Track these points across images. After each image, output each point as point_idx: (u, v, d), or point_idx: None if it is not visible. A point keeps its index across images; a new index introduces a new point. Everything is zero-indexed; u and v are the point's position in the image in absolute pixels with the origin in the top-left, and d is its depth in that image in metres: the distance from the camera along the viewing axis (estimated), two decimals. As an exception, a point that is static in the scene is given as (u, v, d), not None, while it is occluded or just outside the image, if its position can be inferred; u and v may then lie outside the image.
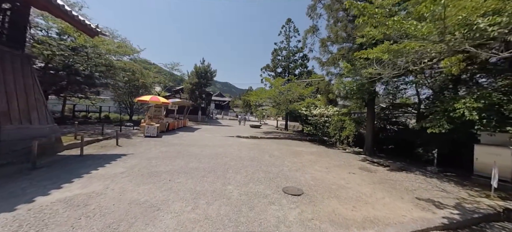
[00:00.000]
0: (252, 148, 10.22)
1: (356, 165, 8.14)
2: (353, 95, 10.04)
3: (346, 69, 8.00)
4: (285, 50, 25.26)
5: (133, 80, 17.92)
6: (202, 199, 4.03)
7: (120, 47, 15.10)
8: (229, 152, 8.70)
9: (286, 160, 8.04)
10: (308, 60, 24.18)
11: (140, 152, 7.83)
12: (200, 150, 8.89)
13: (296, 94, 16.86)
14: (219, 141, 11.66)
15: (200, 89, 27.18)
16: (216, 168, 6.20)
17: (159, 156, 7.39)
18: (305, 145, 12.99)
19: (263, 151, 9.48)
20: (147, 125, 11.87)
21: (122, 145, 9.18)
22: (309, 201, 4.24)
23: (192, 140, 11.64)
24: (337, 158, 9.22)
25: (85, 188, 4.37)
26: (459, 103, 5.98)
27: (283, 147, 11.31)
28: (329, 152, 10.83)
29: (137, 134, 12.24)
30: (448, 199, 5.14)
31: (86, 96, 16.55)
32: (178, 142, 10.53)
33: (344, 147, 14.94)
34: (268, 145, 11.42)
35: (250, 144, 11.52)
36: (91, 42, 12.84)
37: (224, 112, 61.25)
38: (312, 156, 9.18)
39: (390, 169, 7.91)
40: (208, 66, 27.90)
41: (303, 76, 21.58)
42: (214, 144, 10.68)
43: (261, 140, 13.48)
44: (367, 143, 11.31)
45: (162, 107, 15.94)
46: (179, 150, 8.66)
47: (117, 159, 6.75)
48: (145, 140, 10.74)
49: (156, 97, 13.50)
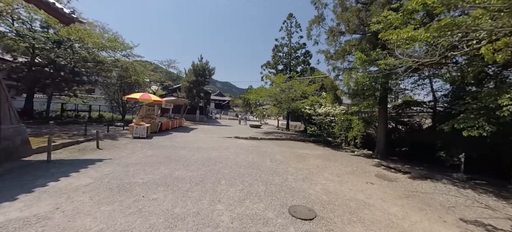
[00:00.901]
0: (251, 150, 9.12)
1: (371, 171, 7.02)
2: (365, 92, 8.92)
3: (359, 61, 6.89)
4: (287, 46, 24.15)
5: (125, 77, 16.85)
6: (178, 229, 2.93)
7: (110, 42, 14.03)
8: (225, 156, 7.60)
9: (290, 165, 6.93)
10: (310, 57, 23.07)
11: (121, 157, 6.74)
12: (192, 153, 7.79)
13: (299, 92, 15.74)
14: (215, 143, 10.57)
15: (198, 88, 26.07)
16: (206, 178, 5.10)
17: (141, 161, 6.29)
18: (309, 146, 11.88)
19: (263, 155, 8.37)
20: (136, 125, 10.78)
21: (104, 147, 8.10)
22: (327, 230, 3.13)
23: (185, 141, 10.54)
24: (348, 163, 8.11)
25: (28, 209, 3.28)
26: (504, 98, 4.86)
27: (285, 149, 10.21)
28: (337, 155, 9.71)
29: (125, 135, 11.16)
30: (499, 220, 4.03)
31: (74, 94, 15.49)
32: (169, 144, 9.44)
33: (351, 148, 13.83)
34: (269, 147, 10.31)
35: (249, 146, 10.41)
36: (75, 34, 11.77)
37: (224, 112, 60.25)
38: (319, 160, 8.07)
39: (411, 176, 6.79)
40: (206, 63, 26.79)
41: (307, 73, 20.46)
42: (209, 146, 9.58)
43: (261, 141, 12.38)
44: (379, 145, 10.20)
45: (155, 106, 14.85)
46: (168, 153, 7.56)
47: (89, 165, 5.65)
48: (133, 141, 9.65)
49: (147, 95, 12.42)
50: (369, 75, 7.58)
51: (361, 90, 8.96)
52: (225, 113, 57.31)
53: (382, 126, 10.14)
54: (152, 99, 12.15)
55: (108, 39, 13.80)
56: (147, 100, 12.13)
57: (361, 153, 11.32)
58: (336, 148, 12.34)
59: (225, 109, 66.34)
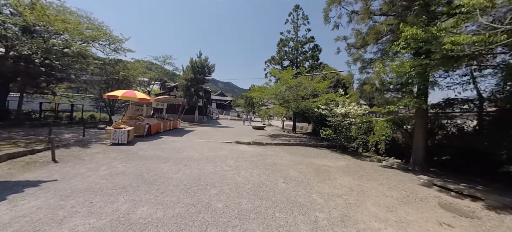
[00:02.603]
0: (256, 162, 7.07)
1: (428, 197, 4.93)
2: (404, 86, 6.83)
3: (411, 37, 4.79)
4: (293, 41, 22.02)
5: (112, 73, 14.91)
6: None
7: (90, 30, 12.09)
8: (221, 174, 5.56)
9: (313, 189, 4.87)
10: (320, 51, 20.91)
11: (73, 176, 4.75)
12: (176, 169, 5.76)
13: (309, 89, 13.65)
14: (210, 151, 8.54)
15: (197, 86, 24.10)
16: (183, 224, 3.07)
17: (96, 186, 4.28)
18: (325, 154, 9.80)
19: (272, 169, 6.31)
20: (114, 129, 8.80)
21: (63, 159, 6.14)
22: None
23: (174, 149, 8.53)
24: (386, 181, 6.02)
25: None
26: None
27: (298, 158, 8.14)
28: (365, 167, 7.63)
29: (103, 141, 9.20)
30: None
31: (52, 93, 13.59)
32: (152, 154, 7.43)
33: (371, 155, 11.75)
34: (278, 157, 8.26)
35: (253, 154, 8.37)
36: (45, 20, 9.82)
37: (226, 112, 58.44)
38: (348, 178, 5.99)
39: (488, 205, 4.68)
40: (206, 60, 24.82)
41: (317, 70, 18.34)
42: (202, 155, 7.55)
43: (267, 148, 10.33)
44: (416, 153, 8.09)
45: (144, 105, 12.89)
46: (143, 169, 5.55)
47: (10, 195, 3.67)
48: (107, 150, 7.68)
49: (131, 92, 10.45)
50: (418, 62, 5.48)
51: (404, 83, 6.86)
52: (227, 114, 55.49)
53: (421, 129, 8.03)
54: (136, 97, 10.16)
55: (87, 28, 11.85)
56: (130, 99, 10.15)
57: (391, 163, 9.21)
58: (357, 156, 10.26)
59: (227, 109, 64.54)
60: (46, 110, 15.12)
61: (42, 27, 9.91)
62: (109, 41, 15.88)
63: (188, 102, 23.80)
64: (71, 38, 11.17)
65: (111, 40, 15.83)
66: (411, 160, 8.29)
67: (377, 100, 9.31)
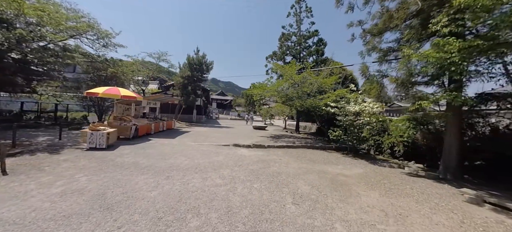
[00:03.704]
0: (257, 172, 5.80)
1: (489, 223, 3.64)
2: (439, 77, 5.53)
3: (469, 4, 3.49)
4: (296, 35, 20.69)
5: (99, 69, 13.69)
6: None
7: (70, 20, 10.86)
8: (209, 190, 4.29)
9: (333, 212, 3.59)
10: (324, 46, 19.57)
11: (9, 197, 3.52)
12: (154, 183, 4.50)
13: (315, 85, 12.35)
14: (203, 156, 7.28)
15: (194, 84, 22.84)
16: None
17: (30, 215, 3.02)
18: (336, 158, 8.51)
19: (277, 182, 5.04)
20: (91, 131, 7.56)
21: (17, 170, 4.93)
22: None
23: (161, 154, 7.28)
24: (423, 197, 4.73)
25: None
26: None
27: (307, 165, 6.85)
28: (389, 176, 6.32)
29: (81, 144, 7.97)
30: None
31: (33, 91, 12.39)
32: (132, 161, 6.18)
33: (387, 158, 10.47)
34: (282, 163, 6.98)
35: (254, 161, 7.09)
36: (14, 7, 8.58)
37: (226, 112, 57.35)
38: (373, 193, 4.70)
39: None
40: (204, 57, 23.54)
41: (325, 65, 17.00)
42: (191, 164, 6.29)
43: (269, 151, 9.05)
44: (447, 158, 6.79)
45: (132, 104, 11.65)
46: (110, 184, 4.30)
47: None
48: (80, 156, 6.45)
49: (115, 89, 9.20)
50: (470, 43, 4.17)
51: (432, 75, 5.56)
52: (227, 113, 54.33)
53: (453, 129, 6.72)
54: (120, 95, 8.91)
55: (68, 18, 10.62)
56: (112, 96, 8.92)
57: (415, 170, 7.91)
58: (371, 160, 8.98)
59: (227, 109, 63.45)
60: (28, 111, 13.93)
61: (11, 16, 8.68)
62: (98, 36, 14.69)
63: (185, 101, 22.57)
64: (53, 30, 9.93)
65: (100, 35, 14.63)
66: (441, 166, 6.99)
67: (398, 96, 7.98)
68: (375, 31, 7.43)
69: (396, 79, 6.39)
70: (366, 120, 9.12)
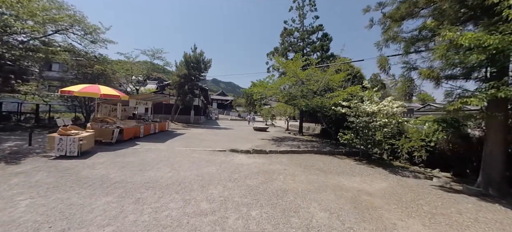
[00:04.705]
0: (257, 189, 4.57)
1: None
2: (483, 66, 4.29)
3: None
4: (298, 31, 19.47)
5: (84, 66, 12.53)
6: None
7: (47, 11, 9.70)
8: (190, 223, 3.07)
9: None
10: (330, 41, 18.32)
11: None
12: (116, 210, 3.29)
13: (323, 83, 11.10)
14: (191, 166, 6.06)
15: (191, 83, 21.65)
16: None
17: None
18: (350, 166, 7.27)
19: (283, 206, 3.81)
20: (60, 136, 6.38)
21: None
22: None
23: (142, 163, 6.07)
24: (480, 228, 3.49)
25: None
26: None
27: (319, 178, 5.62)
28: (420, 192, 5.07)
29: (51, 151, 6.78)
30: None
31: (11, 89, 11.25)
32: (101, 174, 4.98)
33: (404, 164, 9.26)
34: (288, 175, 5.75)
35: (252, 172, 5.87)
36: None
37: (226, 112, 56.26)
38: (413, 223, 3.47)
39: None
40: (201, 54, 22.33)
41: (334, 61, 15.72)
42: (175, 177, 5.08)
43: (271, 158, 7.83)
44: (489, 168, 5.54)
45: (118, 104, 10.47)
46: (56, 211, 3.09)
47: None
48: (42, 167, 5.27)
49: (94, 87, 8.01)
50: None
51: (472, 66, 4.31)
52: (227, 114, 53.20)
53: (497, 133, 5.47)
54: (99, 93, 7.72)
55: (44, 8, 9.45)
56: (90, 95, 7.74)
57: (445, 181, 6.64)
58: (389, 167, 7.77)
59: (228, 109, 62.34)
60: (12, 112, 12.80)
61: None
62: (84, 30, 13.56)
63: (182, 101, 21.40)
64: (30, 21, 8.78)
65: (87, 30, 13.50)
66: (481, 179, 5.73)
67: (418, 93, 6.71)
68: (398, 15, 6.18)
69: (430, 71, 5.13)
70: (383, 121, 7.88)
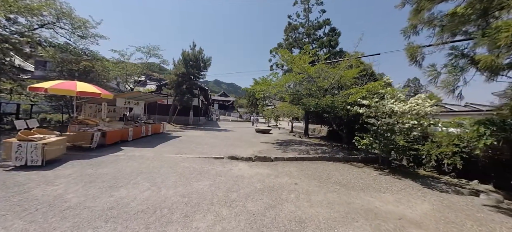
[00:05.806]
0: (261, 218, 3.31)
1: None
2: None
3: None
4: (303, 26, 18.22)
5: (69, 62, 11.38)
6: None
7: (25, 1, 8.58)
8: None
9: None
10: (338, 35, 17.02)
11: None
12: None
13: (335, 79, 9.81)
14: (178, 182, 4.82)
15: (190, 82, 20.48)
16: None
17: None
18: (373, 177, 5.97)
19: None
20: (19, 141, 5.18)
21: None
22: None
23: (115, 177, 4.83)
24: None
25: None
26: None
27: (342, 199, 4.34)
28: (476, 216, 3.76)
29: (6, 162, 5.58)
30: None
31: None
32: (56, 193, 3.75)
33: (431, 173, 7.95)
34: (301, 193, 4.48)
35: (255, 189, 4.60)
36: None
37: (228, 113, 55.24)
38: None
39: None
40: (200, 52, 21.17)
41: (343, 57, 14.42)
42: (152, 200, 3.83)
43: (277, 167, 6.56)
44: None
45: (103, 104, 9.27)
46: None
47: None
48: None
49: (69, 84, 6.82)
50: None
51: None
52: (229, 115, 52.06)
53: None
54: (75, 91, 6.52)
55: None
56: (65, 92, 6.55)
57: (497, 200, 5.31)
58: (416, 178, 6.45)
59: (229, 110, 61.26)
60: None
61: None
62: (72, 24, 12.46)
63: (179, 101, 20.23)
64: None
65: (75, 24, 12.40)
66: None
67: None
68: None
69: (494, 58, 3.80)
70: (412, 123, 6.56)
